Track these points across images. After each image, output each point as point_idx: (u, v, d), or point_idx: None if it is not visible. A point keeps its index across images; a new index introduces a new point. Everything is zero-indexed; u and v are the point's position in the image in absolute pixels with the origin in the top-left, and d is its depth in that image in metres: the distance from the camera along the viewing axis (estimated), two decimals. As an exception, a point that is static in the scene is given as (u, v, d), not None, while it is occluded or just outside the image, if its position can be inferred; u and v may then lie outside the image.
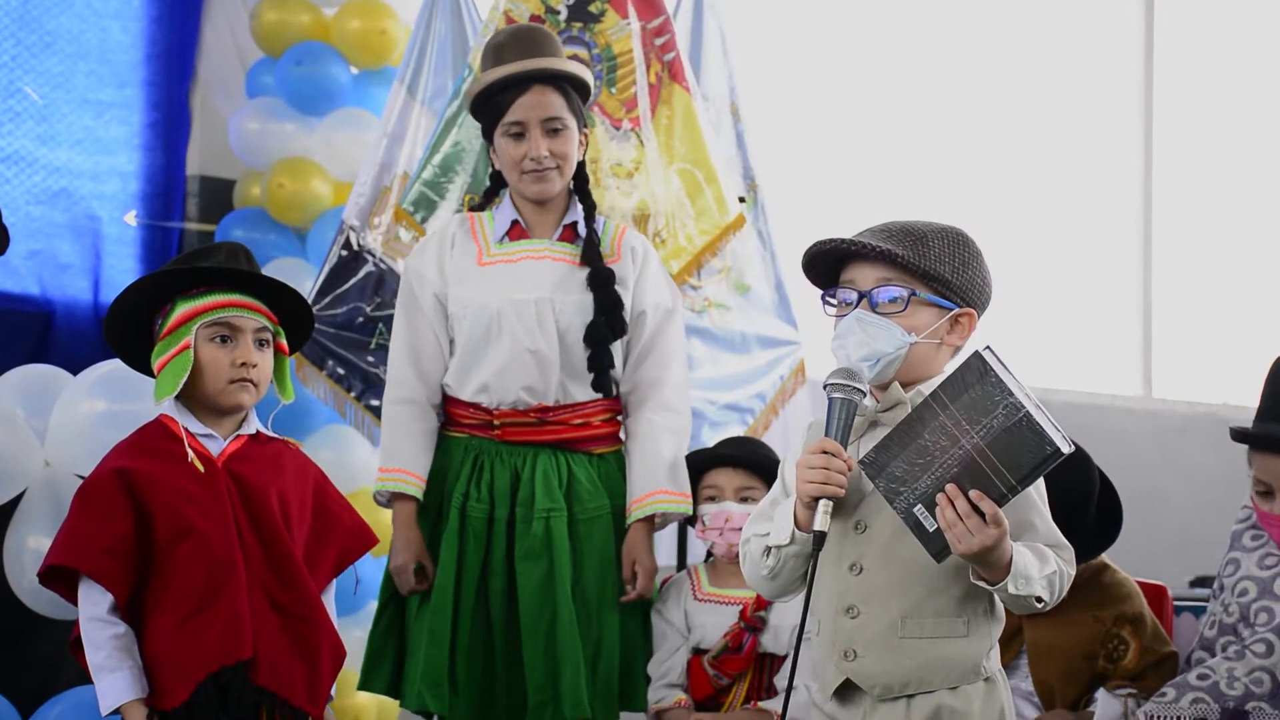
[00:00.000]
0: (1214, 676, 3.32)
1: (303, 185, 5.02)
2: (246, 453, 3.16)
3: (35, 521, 3.78)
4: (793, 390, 4.86)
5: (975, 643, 2.57)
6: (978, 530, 2.38)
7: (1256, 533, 3.49)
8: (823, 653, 2.61)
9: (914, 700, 2.55)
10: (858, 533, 2.57)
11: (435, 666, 3.52)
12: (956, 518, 2.39)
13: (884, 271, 2.57)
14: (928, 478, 2.40)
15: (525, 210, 3.69)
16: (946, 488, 2.39)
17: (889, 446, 2.43)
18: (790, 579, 2.64)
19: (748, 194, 4.83)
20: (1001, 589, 2.47)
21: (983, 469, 2.37)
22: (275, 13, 5.14)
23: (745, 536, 2.71)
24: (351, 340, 4.52)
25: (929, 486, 2.40)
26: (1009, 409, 2.34)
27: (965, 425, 2.37)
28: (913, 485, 2.42)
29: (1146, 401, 7.23)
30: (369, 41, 5.11)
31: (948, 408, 2.38)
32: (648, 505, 3.64)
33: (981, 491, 2.38)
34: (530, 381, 3.60)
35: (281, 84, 5.09)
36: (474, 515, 3.61)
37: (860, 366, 2.54)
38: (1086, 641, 3.58)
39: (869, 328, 2.56)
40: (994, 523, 2.38)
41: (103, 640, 2.99)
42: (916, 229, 2.60)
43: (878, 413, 2.60)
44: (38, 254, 4.95)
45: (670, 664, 3.66)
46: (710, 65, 4.88)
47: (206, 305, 3.11)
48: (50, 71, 5.05)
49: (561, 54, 3.72)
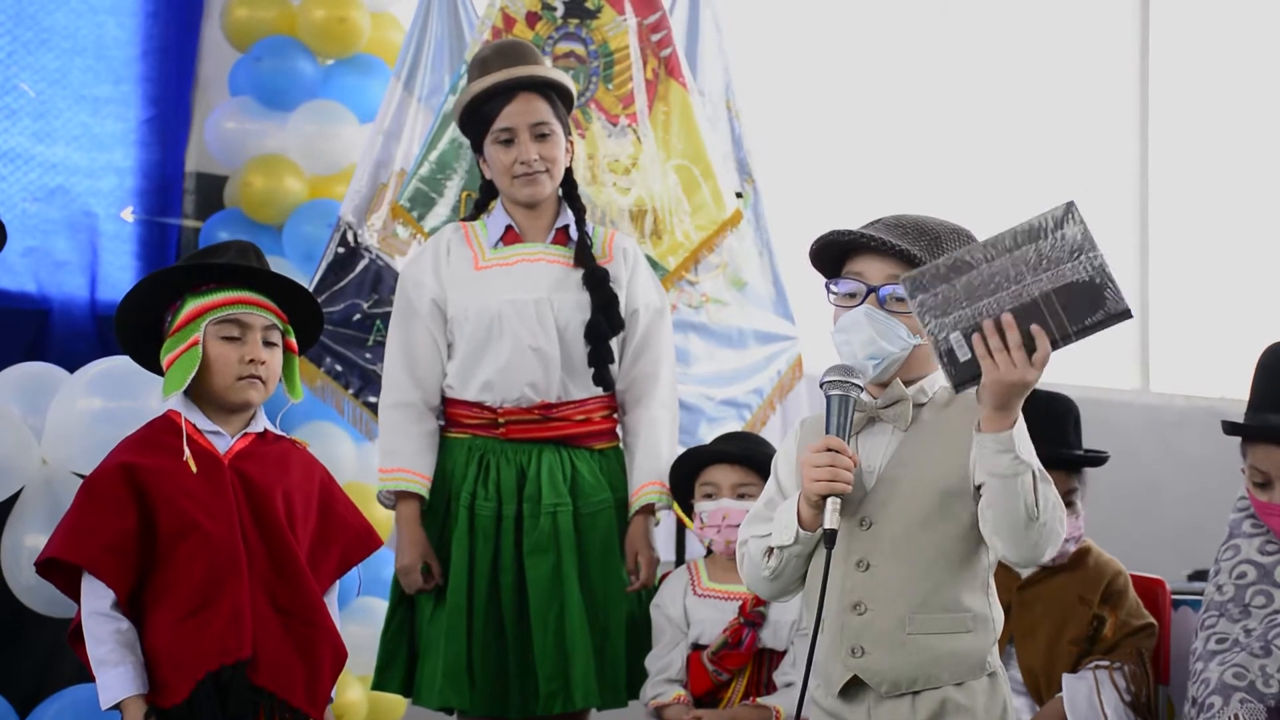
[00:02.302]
0: (1250, 675, 3.31)
1: (275, 182, 4.98)
2: (253, 451, 3.17)
3: (32, 520, 3.78)
4: (790, 385, 4.87)
5: (980, 638, 2.57)
6: (1021, 364, 2.35)
7: (1256, 521, 3.50)
8: (828, 650, 2.59)
9: (919, 696, 2.54)
10: (863, 529, 2.56)
11: (455, 663, 3.62)
12: (1002, 347, 2.36)
13: (895, 268, 2.55)
14: (973, 308, 2.37)
15: (518, 216, 3.77)
16: (1003, 317, 2.36)
17: (947, 268, 2.39)
18: (791, 579, 2.64)
19: (744, 190, 4.83)
20: (1006, 443, 2.41)
21: (1041, 311, 2.36)
22: (244, 9, 5.10)
23: (743, 538, 2.69)
24: (349, 337, 4.52)
25: (974, 315, 2.38)
26: (1090, 260, 2.34)
27: (1033, 266, 2.35)
28: (955, 311, 2.38)
29: (1144, 395, 7.23)
30: (332, 30, 5.04)
31: (1023, 246, 2.35)
32: (645, 496, 3.76)
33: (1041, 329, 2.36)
34: (533, 378, 3.68)
35: (250, 81, 5.06)
36: (482, 513, 3.69)
37: (864, 364, 2.53)
38: (1073, 625, 3.59)
39: (877, 325, 2.54)
40: (1039, 364, 2.36)
41: (105, 635, 2.99)
42: (930, 227, 2.59)
43: (878, 409, 2.59)
44: (34, 251, 4.95)
45: (669, 659, 3.67)
46: (706, 61, 4.88)
47: (216, 302, 3.12)
48: (46, 67, 5.04)
49: (544, 64, 3.83)
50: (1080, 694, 3.51)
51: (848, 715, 2.58)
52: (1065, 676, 3.55)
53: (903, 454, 2.58)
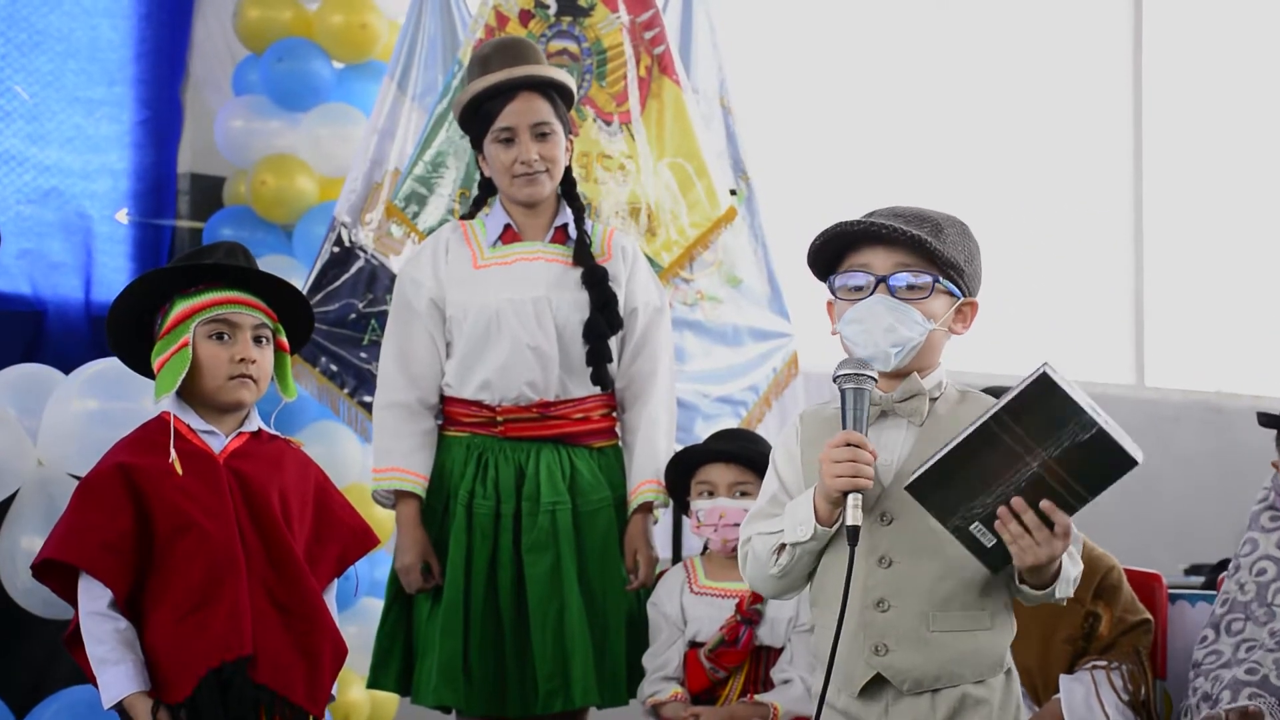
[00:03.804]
0: (1263, 670, 3.31)
1: (287, 182, 5.01)
2: (248, 450, 3.16)
3: (28, 521, 3.78)
4: (786, 382, 4.87)
5: (999, 635, 2.56)
6: (1045, 542, 2.38)
7: (1275, 514, 3.49)
8: (849, 648, 2.53)
9: (939, 693, 2.52)
10: (884, 524, 2.53)
11: (451, 661, 3.62)
12: (1023, 531, 2.38)
13: (904, 257, 2.52)
14: (987, 496, 2.39)
15: (516, 214, 3.77)
16: (1013, 501, 2.37)
17: (943, 471, 2.39)
18: (799, 577, 2.60)
19: (739, 186, 4.83)
20: (1048, 594, 2.48)
21: (1049, 483, 2.36)
22: (258, 9, 5.13)
23: (745, 536, 2.65)
24: (344, 337, 4.52)
25: (989, 504, 2.39)
26: (1083, 425, 2.32)
27: (1031, 442, 2.35)
28: (970, 504, 2.40)
29: (1139, 390, 7.24)
30: (351, 36, 5.09)
31: (1011, 429, 2.35)
32: (644, 494, 3.76)
33: (1053, 504, 2.37)
34: (532, 377, 3.69)
35: (264, 81, 5.08)
36: (480, 511, 3.69)
37: (886, 352, 2.51)
38: (1066, 624, 3.58)
39: (895, 312, 2.51)
40: (1062, 534, 2.39)
41: (104, 634, 2.99)
42: (930, 216, 2.57)
43: (894, 402, 2.56)
44: (29, 253, 4.95)
45: (666, 657, 3.67)
46: (700, 58, 4.87)
47: (204, 303, 3.12)
48: (40, 70, 5.04)
49: (545, 63, 3.81)
50: (1078, 696, 3.50)
51: (863, 715, 2.55)
52: (1062, 678, 3.54)
53: (921, 449, 2.52)
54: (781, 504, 2.62)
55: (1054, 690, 3.56)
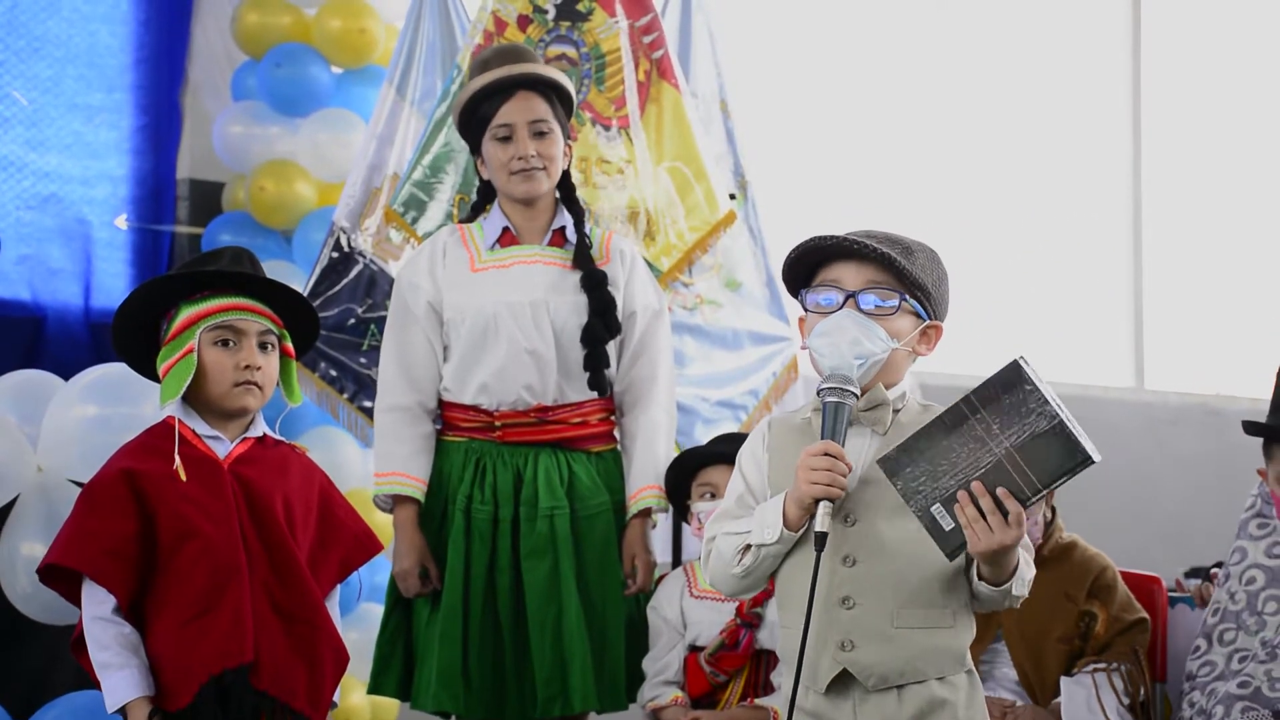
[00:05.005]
0: (1255, 682, 3.32)
1: (286, 187, 5.02)
2: (253, 456, 3.17)
3: (28, 527, 3.77)
4: (785, 386, 4.86)
5: (960, 634, 2.62)
6: (999, 529, 2.43)
7: (1263, 521, 3.50)
8: (816, 645, 2.60)
9: (905, 690, 2.58)
10: (847, 525, 2.59)
11: (449, 667, 3.62)
12: (978, 515, 2.44)
13: (874, 274, 2.61)
14: (950, 478, 2.45)
15: (515, 216, 3.77)
16: (971, 485, 2.43)
17: (912, 448, 2.46)
18: (761, 579, 2.67)
19: (738, 191, 4.84)
20: (1005, 591, 2.54)
21: (1009, 472, 2.42)
22: (256, 15, 5.14)
23: (710, 534, 2.72)
24: (343, 342, 4.52)
25: (951, 486, 2.45)
26: (1045, 416, 2.40)
27: (996, 429, 2.42)
28: (933, 485, 2.46)
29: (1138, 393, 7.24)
30: (349, 41, 5.11)
31: (979, 412, 2.42)
32: (643, 499, 3.76)
33: (1009, 491, 2.42)
34: (529, 381, 3.68)
35: (263, 86, 5.09)
36: (478, 517, 3.69)
37: (850, 365, 2.57)
38: (1061, 623, 3.59)
39: (860, 327, 2.59)
40: (1015, 523, 2.44)
41: (108, 639, 2.99)
42: (901, 239, 2.65)
43: (860, 412, 2.62)
44: (28, 259, 4.95)
45: (666, 661, 3.67)
46: (699, 62, 4.88)
47: (209, 309, 3.12)
48: (39, 76, 5.04)
49: (544, 66, 3.83)
50: (1078, 699, 3.51)
51: (832, 714, 2.61)
52: (1063, 680, 3.54)
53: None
54: (747, 505, 2.70)
55: (1050, 690, 3.57)
